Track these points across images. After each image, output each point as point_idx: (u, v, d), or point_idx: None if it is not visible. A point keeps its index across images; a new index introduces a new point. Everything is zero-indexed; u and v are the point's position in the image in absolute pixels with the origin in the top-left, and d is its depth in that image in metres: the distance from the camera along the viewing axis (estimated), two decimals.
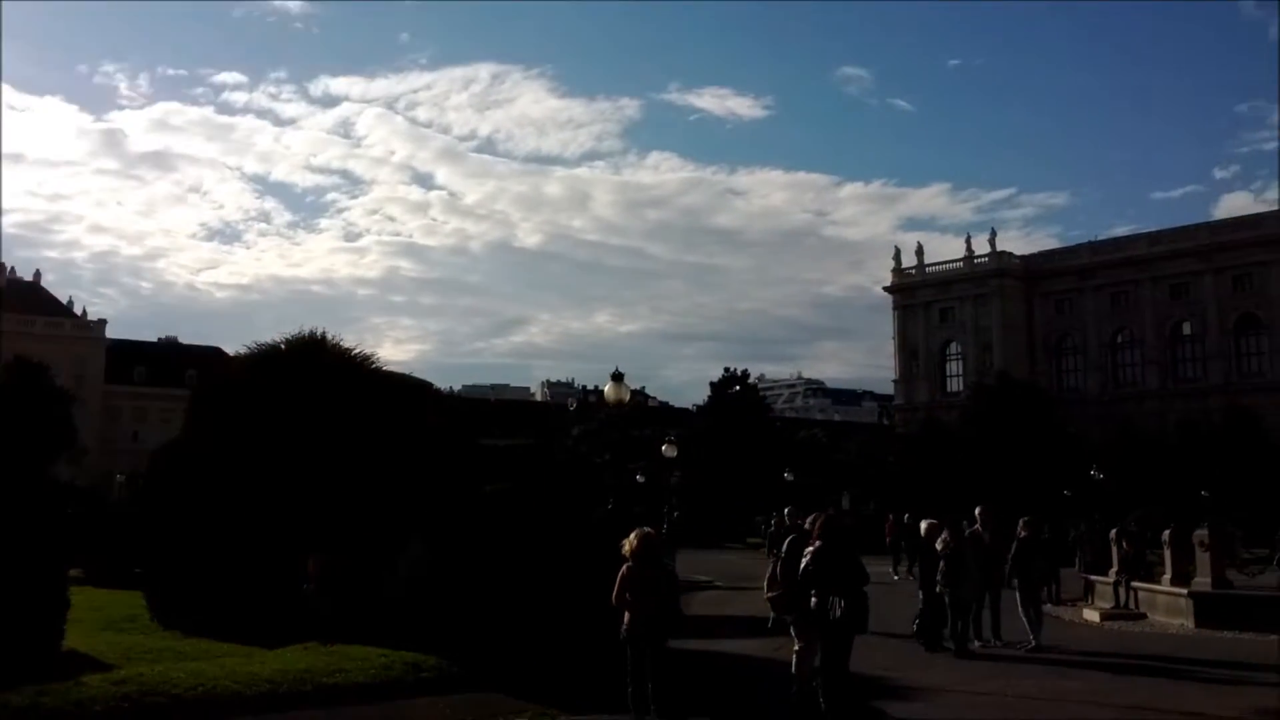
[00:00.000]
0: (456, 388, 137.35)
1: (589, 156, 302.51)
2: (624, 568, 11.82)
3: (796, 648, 12.74)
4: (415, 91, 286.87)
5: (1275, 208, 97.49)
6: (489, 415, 77.29)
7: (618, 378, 26.68)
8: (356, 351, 19.95)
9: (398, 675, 13.07)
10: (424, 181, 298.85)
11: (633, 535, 11.87)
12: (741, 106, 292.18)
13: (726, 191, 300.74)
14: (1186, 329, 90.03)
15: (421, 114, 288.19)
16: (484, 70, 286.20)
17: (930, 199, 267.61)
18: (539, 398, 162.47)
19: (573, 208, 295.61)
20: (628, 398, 28.98)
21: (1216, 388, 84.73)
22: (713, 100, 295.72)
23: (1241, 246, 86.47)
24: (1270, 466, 71.69)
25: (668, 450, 43.02)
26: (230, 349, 42.14)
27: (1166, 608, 22.30)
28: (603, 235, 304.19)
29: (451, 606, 14.33)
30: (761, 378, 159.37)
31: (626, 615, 11.53)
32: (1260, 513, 46.87)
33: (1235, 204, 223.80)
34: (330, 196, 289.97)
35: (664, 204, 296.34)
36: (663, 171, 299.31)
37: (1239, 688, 14.01)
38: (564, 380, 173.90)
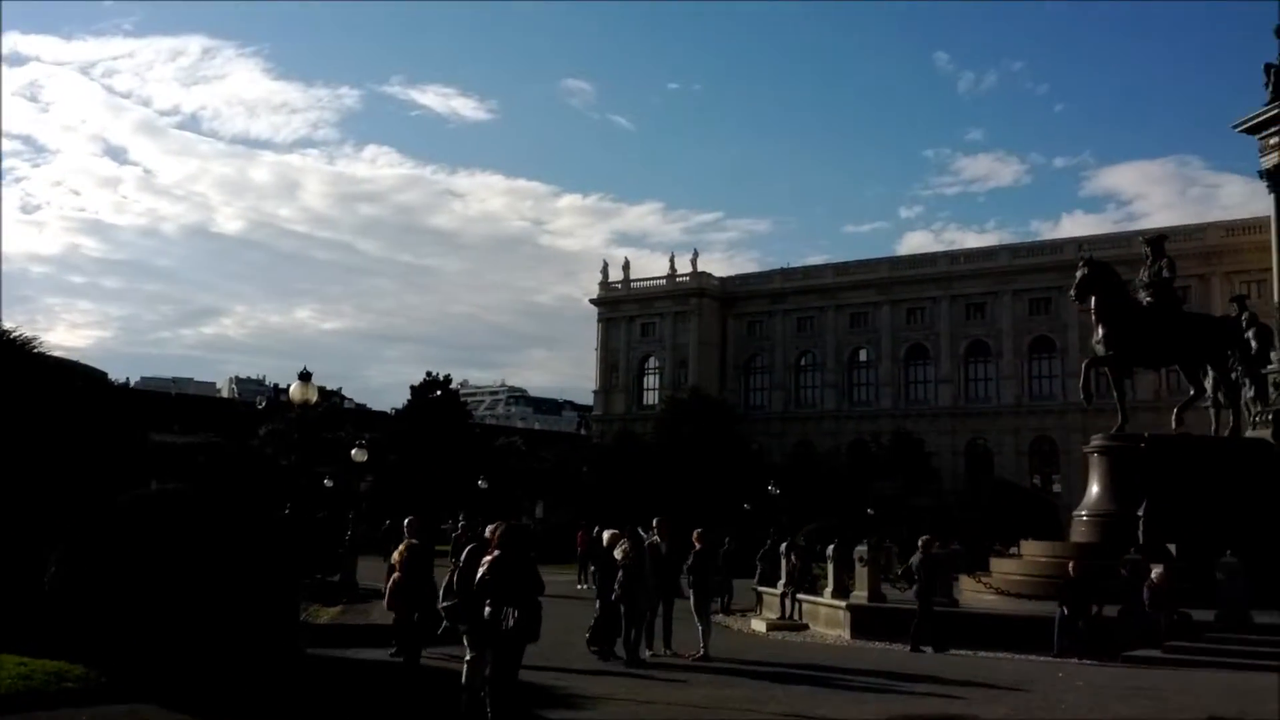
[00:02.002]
0: (134, 379, 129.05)
1: (302, 143, 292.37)
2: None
3: (468, 657, 12.64)
4: (116, 59, 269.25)
5: (951, 248, 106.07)
6: (168, 410, 73.22)
7: (305, 377, 25.83)
8: (16, 334, 18.35)
9: (37, 686, 12.17)
10: (117, 155, 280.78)
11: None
12: (465, 107, 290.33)
13: (445, 192, 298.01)
14: (863, 355, 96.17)
15: (120, 83, 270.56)
16: (194, 43, 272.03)
17: (643, 216, 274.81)
18: (225, 394, 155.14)
19: (280, 195, 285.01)
20: (315, 398, 28.09)
21: (886, 411, 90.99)
22: (436, 98, 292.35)
23: (915, 282, 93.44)
24: (930, 485, 77.73)
25: (357, 454, 42.00)
26: None
27: (827, 619, 23.64)
28: (311, 227, 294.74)
29: (107, 612, 13.39)
30: (464, 383, 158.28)
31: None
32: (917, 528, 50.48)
33: (916, 242, 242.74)
34: (8, 164, 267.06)
35: (379, 199, 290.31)
36: (380, 166, 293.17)
37: (881, 695, 14.99)
38: (255, 377, 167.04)
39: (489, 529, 13.40)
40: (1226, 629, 18.65)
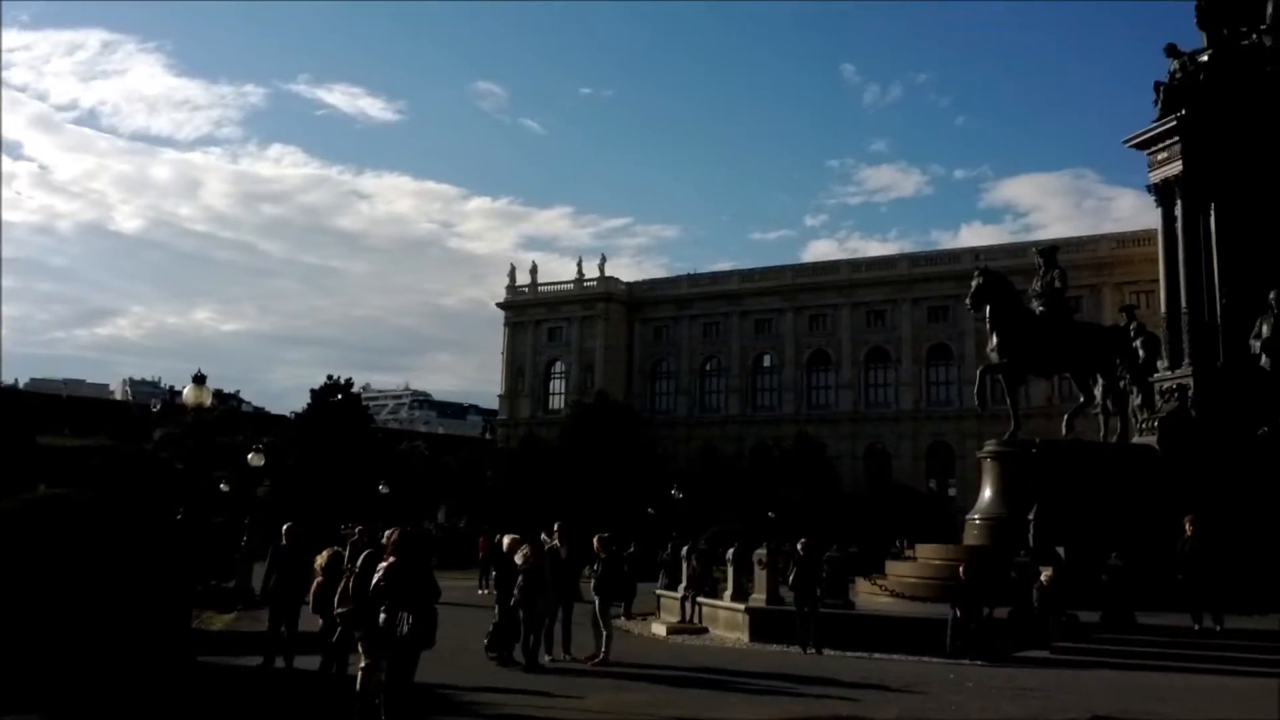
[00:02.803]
0: (24, 380, 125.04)
1: (205, 141, 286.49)
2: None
3: (362, 664, 12.52)
4: (11, 51, 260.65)
5: (854, 256, 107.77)
6: (59, 412, 71.12)
7: (200, 379, 25.28)
8: None
9: None
10: (11, 150, 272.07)
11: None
12: (373, 107, 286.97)
13: (352, 193, 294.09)
14: (767, 361, 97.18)
15: (16, 76, 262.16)
16: (93, 37, 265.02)
17: (553, 220, 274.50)
18: (120, 396, 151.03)
19: (181, 194, 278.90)
20: (209, 401, 27.51)
21: (789, 416, 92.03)
22: (343, 97, 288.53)
23: (818, 289, 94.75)
24: (830, 489, 78.74)
25: (254, 459, 41.24)
26: None
27: (726, 622, 23.80)
28: (212, 226, 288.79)
29: None
30: (367, 387, 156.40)
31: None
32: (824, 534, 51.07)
33: (821, 249, 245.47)
34: None
35: (283, 199, 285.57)
36: (285, 165, 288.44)
37: (777, 697, 15.14)
38: (150, 379, 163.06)
39: (385, 535, 13.31)
40: (1111, 630, 19.19)
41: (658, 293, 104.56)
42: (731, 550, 25.03)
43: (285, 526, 16.92)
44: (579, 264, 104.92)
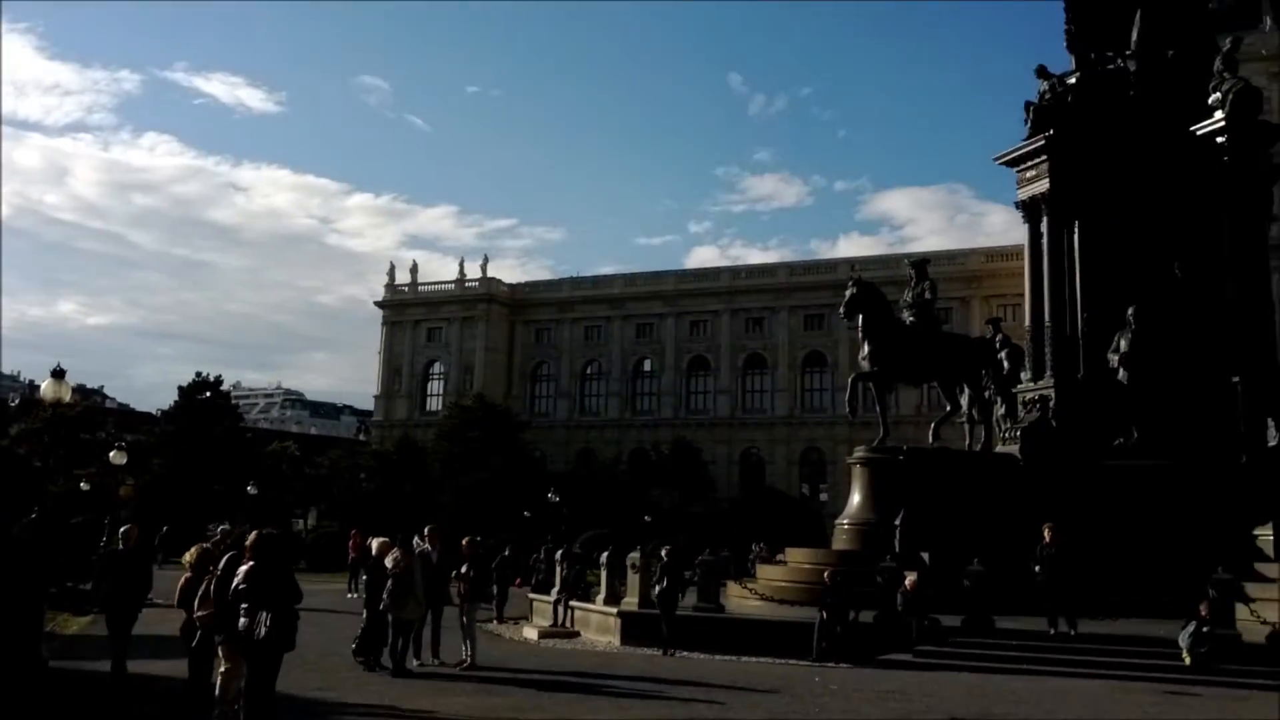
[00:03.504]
0: None
1: (75, 128, 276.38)
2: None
3: (222, 669, 12.26)
4: None
5: (735, 263, 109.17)
6: None
7: (59, 374, 24.35)
8: None
9: None
10: None
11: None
12: (253, 98, 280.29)
13: (228, 185, 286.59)
14: (647, 365, 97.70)
15: None
16: None
17: (437, 219, 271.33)
18: None
19: (48, 181, 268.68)
20: (68, 396, 26.51)
21: (667, 421, 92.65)
22: (222, 87, 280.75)
23: (699, 295, 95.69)
24: (706, 493, 79.47)
25: (116, 456, 39.89)
26: None
27: (599, 626, 23.80)
28: (80, 216, 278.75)
29: None
30: (237, 385, 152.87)
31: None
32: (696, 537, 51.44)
33: (704, 256, 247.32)
34: None
35: (155, 190, 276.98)
36: (158, 155, 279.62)
37: (645, 700, 15.20)
38: (9, 373, 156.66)
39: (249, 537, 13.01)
40: (971, 634, 19.70)
41: (540, 295, 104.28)
42: (605, 554, 25.04)
43: (123, 529, 16.33)
44: (460, 264, 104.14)
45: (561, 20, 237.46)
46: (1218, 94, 27.67)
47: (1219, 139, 27.33)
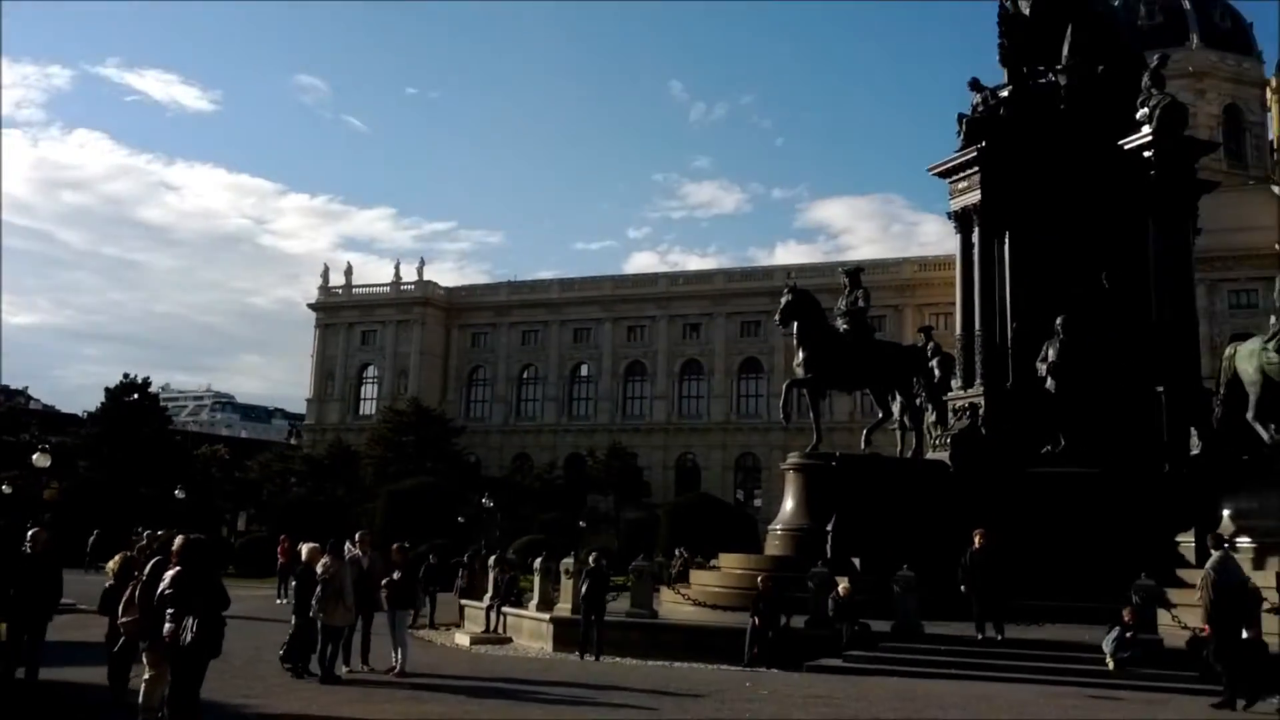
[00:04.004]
0: None
1: (3, 123, 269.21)
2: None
3: (147, 675, 12.07)
4: None
5: (674, 269, 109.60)
6: None
7: None
8: None
9: None
10: None
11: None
12: (187, 96, 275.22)
13: (160, 184, 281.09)
14: (584, 370, 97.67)
15: None
16: None
17: (374, 221, 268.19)
18: None
19: None
20: None
21: (604, 426, 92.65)
22: (156, 84, 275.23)
23: (637, 301, 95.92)
24: (641, 498, 79.60)
25: (39, 459, 39.05)
26: None
27: (531, 632, 23.72)
28: (7, 213, 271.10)
29: None
30: (166, 386, 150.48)
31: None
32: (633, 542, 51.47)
33: (643, 261, 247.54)
34: None
35: (85, 187, 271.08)
36: (89, 152, 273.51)
37: (576, 706, 15.14)
38: None
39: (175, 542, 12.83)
40: (900, 639, 19.90)
41: (477, 299, 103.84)
42: (539, 560, 24.96)
43: (31, 533, 15.97)
44: (396, 267, 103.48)
45: (503, 23, 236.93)
46: (1145, 109, 28.26)
47: (1146, 153, 27.89)
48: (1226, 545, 17.07)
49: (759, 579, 21.40)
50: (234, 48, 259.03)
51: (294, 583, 19.16)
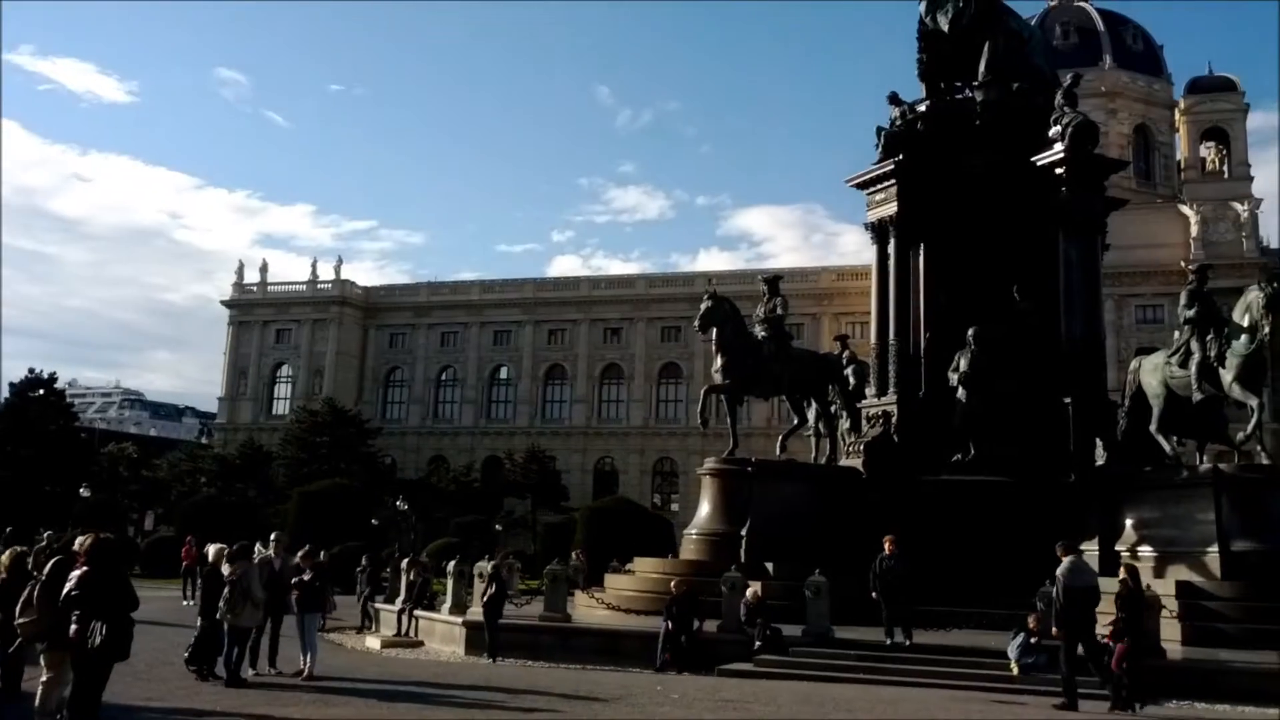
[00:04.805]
0: None
1: None
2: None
3: (44, 678, 11.82)
4: None
5: (596, 273, 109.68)
6: None
7: None
8: None
9: None
10: None
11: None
12: (103, 86, 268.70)
13: (73, 175, 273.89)
14: (504, 373, 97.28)
15: None
16: None
17: (294, 218, 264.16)
18: None
19: None
20: None
21: (522, 429, 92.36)
22: (70, 73, 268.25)
23: (558, 304, 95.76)
24: (559, 502, 79.39)
25: None
26: None
27: (443, 635, 23.53)
28: None
29: None
30: (73, 383, 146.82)
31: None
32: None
33: (566, 265, 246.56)
34: None
35: None
36: None
37: (486, 710, 15.05)
38: None
39: (78, 541, 12.59)
40: (810, 643, 20.07)
41: (395, 299, 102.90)
42: (453, 563, 24.79)
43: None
44: (313, 265, 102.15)
45: (430, 22, 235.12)
46: (1058, 127, 28.84)
47: (1058, 170, 28.48)
48: (1080, 550, 17.48)
49: (673, 583, 21.46)
50: (154, 38, 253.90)
51: (200, 584, 18.85)
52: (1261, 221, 79.87)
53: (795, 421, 30.71)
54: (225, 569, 17.24)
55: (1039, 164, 28.67)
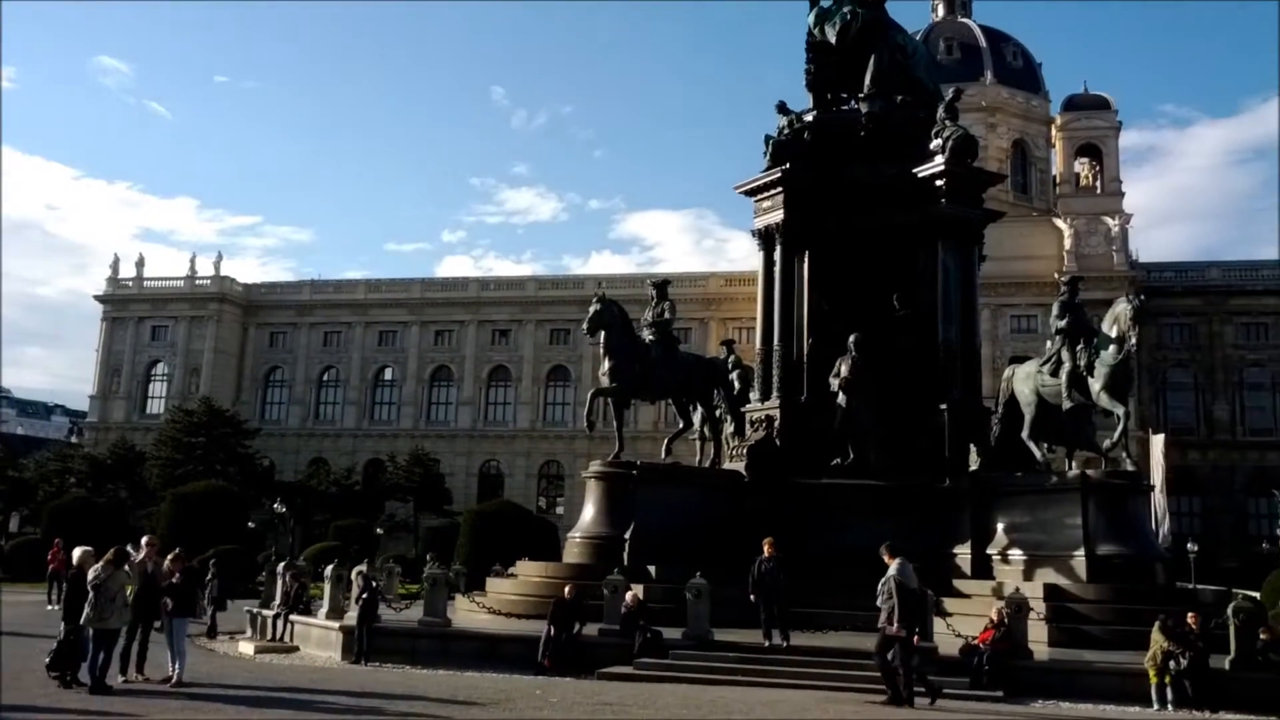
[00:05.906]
0: None
1: None
2: None
3: None
4: None
5: (486, 274, 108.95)
6: None
7: None
8: None
9: None
10: None
11: None
12: None
13: None
14: (388, 374, 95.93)
15: None
16: None
17: (174, 212, 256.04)
18: None
19: None
20: None
21: (406, 431, 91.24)
22: None
23: (446, 305, 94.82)
24: (442, 505, 78.65)
25: None
26: None
27: (319, 641, 23.08)
28: None
29: None
30: None
31: None
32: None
33: (456, 266, 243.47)
34: None
35: None
36: None
37: (360, 716, 14.82)
38: None
39: None
40: (690, 646, 20.18)
41: (277, 297, 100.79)
42: (330, 567, 24.32)
43: None
44: (192, 261, 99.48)
45: (323, 15, 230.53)
46: (939, 140, 29.52)
47: (939, 181, 29.12)
48: (904, 553, 17.93)
49: (566, 588, 21.40)
50: (30, 24, 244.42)
51: (64, 588, 18.22)
52: (1131, 236, 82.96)
53: (681, 425, 30.89)
54: (90, 573, 16.67)
55: (920, 175, 29.28)
